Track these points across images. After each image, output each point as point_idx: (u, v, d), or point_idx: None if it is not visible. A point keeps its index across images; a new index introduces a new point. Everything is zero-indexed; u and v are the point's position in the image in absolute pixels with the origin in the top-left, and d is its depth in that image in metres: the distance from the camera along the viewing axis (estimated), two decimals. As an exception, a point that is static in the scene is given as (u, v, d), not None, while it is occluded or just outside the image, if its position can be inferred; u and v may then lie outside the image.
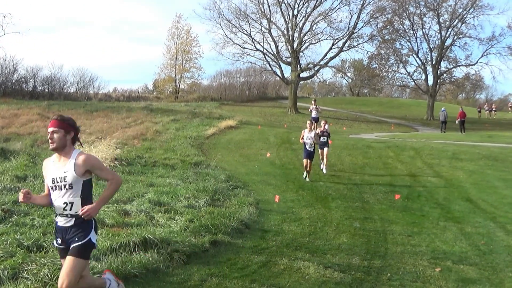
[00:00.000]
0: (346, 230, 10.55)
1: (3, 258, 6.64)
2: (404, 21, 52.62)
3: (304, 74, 54.06)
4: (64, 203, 4.80)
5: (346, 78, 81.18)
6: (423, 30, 52.23)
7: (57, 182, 4.81)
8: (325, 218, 11.62)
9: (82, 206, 4.77)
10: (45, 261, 6.51)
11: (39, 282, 6.03)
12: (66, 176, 4.78)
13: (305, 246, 9.04)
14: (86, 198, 4.88)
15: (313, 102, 15.13)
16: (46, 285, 5.98)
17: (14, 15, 79.09)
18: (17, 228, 8.70)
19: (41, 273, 6.18)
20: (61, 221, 4.88)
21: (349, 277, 7.31)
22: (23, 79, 49.62)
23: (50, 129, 4.80)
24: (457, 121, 37.89)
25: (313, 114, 29.82)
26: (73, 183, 4.79)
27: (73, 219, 4.82)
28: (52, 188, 4.88)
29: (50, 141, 4.79)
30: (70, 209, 4.80)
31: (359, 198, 14.42)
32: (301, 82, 59.02)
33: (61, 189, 4.80)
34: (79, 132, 5.01)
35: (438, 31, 51.61)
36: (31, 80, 50.34)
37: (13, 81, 48.78)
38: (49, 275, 6.12)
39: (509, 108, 58.98)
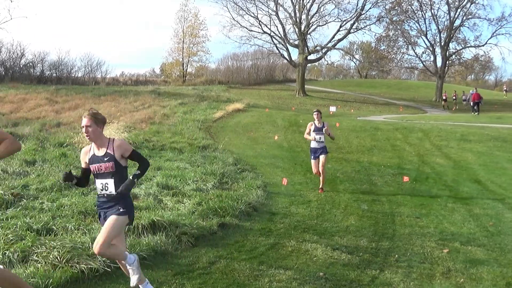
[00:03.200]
0: (354, 212, 10.55)
1: (13, 241, 6.70)
2: (412, 1, 52.21)
3: (311, 57, 53.90)
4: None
5: (354, 60, 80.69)
6: (432, 10, 51.85)
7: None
8: (333, 200, 11.63)
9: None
10: (55, 244, 6.55)
11: (48, 265, 6.09)
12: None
13: (313, 228, 9.06)
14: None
15: (315, 115, 12.42)
16: (56, 267, 6.04)
17: (21, -1, 78.87)
18: (27, 211, 8.77)
19: (51, 256, 6.23)
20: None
21: (356, 259, 7.33)
22: (30, 63, 49.71)
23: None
24: (471, 102, 37.88)
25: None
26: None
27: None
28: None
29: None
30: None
31: (367, 180, 14.41)
32: (308, 64, 58.85)
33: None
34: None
35: (447, 12, 51.22)
36: (38, 64, 50.46)
37: (21, 66, 48.89)
38: (58, 258, 6.18)
39: (504, 92, 58.02)
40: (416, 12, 52.50)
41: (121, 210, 5.34)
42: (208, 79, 61.67)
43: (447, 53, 52.17)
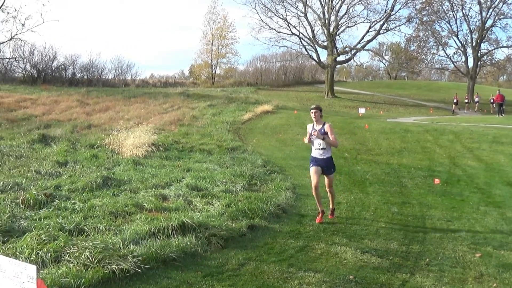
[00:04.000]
0: (384, 215, 10.45)
1: (46, 241, 6.80)
2: (443, 2, 51.60)
3: (340, 58, 53.63)
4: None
5: (384, 61, 79.95)
6: (463, 11, 51.18)
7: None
8: (362, 203, 11.54)
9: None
10: (86, 244, 6.64)
11: (80, 265, 6.17)
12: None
13: (342, 231, 9.00)
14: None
15: (312, 113, 10.90)
16: (88, 268, 6.11)
17: (53, 2, 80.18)
18: (59, 212, 8.91)
19: (83, 256, 6.31)
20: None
21: (387, 262, 7.26)
22: (62, 66, 50.53)
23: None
24: (494, 103, 37.26)
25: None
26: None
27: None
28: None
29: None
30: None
31: (397, 182, 14.25)
32: (337, 66, 58.59)
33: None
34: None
35: (479, 12, 50.46)
36: (70, 67, 51.29)
37: (53, 68, 49.69)
38: (90, 258, 6.25)
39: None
40: (447, 12, 51.93)
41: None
42: (236, 80, 61.87)
43: (479, 54, 51.41)
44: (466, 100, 45.86)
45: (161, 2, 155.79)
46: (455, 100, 44.10)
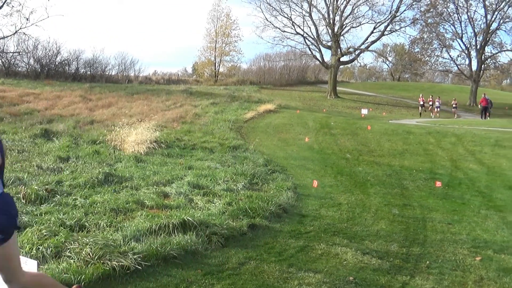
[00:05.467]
0: (385, 216, 10.45)
1: (47, 237, 6.81)
2: (448, 4, 51.57)
3: (344, 58, 53.62)
4: None
5: (387, 62, 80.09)
6: (468, 13, 51.10)
7: None
8: (363, 204, 11.54)
9: None
10: (87, 240, 6.65)
11: (81, 261, 6.18)
12: None
13: (343, 231, 9.00)
14: None
15: None
16: (88, 264, 6.12)
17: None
18: (60, 207, 8.91)
19: (83, 252, 6.32)
20: None
21: (387, 264, 7.26)
22: (66, 61, 50.49)
23: None
24: (479, 105, 37.47)
25: None
26: None
27: None
28: None
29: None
30: None
31: (398, 184, 14.25)
32: (341, 66, 58.53)
33: None
34: None
35: (484, 15, 50.40)
36: (73, 62, 51.22)
37: (56, 63, 49.68)
38: (90, 254, 6.26)
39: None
40: (452, 14, 51.87)
41: None
42: (239, 79, 61.84)
43: (483, 57, 51.36)
44: (429, 103, 43.67)
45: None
46: (421, 102, 42.61)
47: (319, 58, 52.88)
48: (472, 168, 16.68)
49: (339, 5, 50.51)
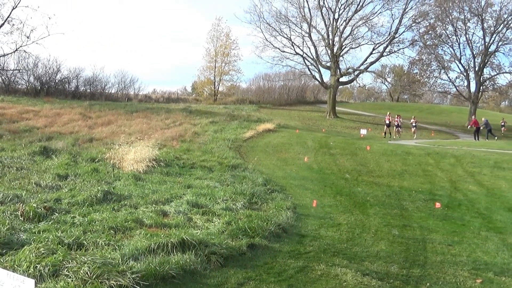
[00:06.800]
0: (385, 237, 10.41)
1: (45, 255, 6.76)
2: (447, 26, 51.84)
3: (343, 79, 53.75)
4: None
5: (386, 83, 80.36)
6: (467, 35, 51.36)
7: None
8: (363, 224, 11.49)
9: None
10: (85, 259, 6.60)
11: (79, 280, 6.13)
12: None
13: (342, 252, 8.95)
14: None
15: None
16: (86, 283, 6.07)
17: (59, 15, 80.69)
18: (59, 225, 8.88)
19: (81, 271, 6.27)
20: None
21: (387, 285, 7.22)
22: (66, 79, 50.69)
23: None
24: (469, 126, 37.78)
25: None
26: None
27: None
28: None
29: None
30: None
31: (397, 205, 14.21)
32: (340, 86, 58.71)
33: None
34: None
35: (482, 37, 50.66)
36: (73, 80, 51.45)
37: (56, 81, 49.86)
38: (88, 273, 6.21)
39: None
40: (450, 36, 52.14)
41: None
42: (239, 98, 61.97)
43: (481, 79, 51.57)
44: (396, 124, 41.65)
45: (166, 19, 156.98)
46: (387, 122, 39.15)
47: (318, 78, 53.05)
48: (471, 190, 16.64)
49: (338, 26, 50.79)
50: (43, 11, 49.66)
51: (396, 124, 38.92)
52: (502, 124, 46.01)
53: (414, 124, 40.44)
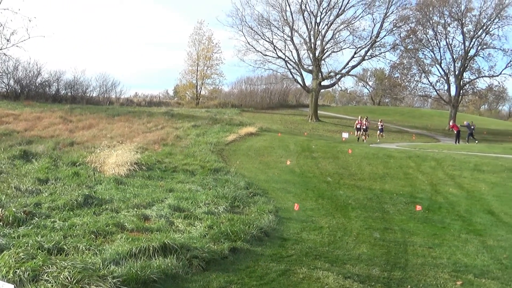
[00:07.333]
0: (366, 240, 10.46)
1: (24, 260, 6.69)
2: (427, 30, 52.34)
3: (325, 82, 53.99)
4: None
5: (368, 87, 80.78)
6: (447, 40, 51.87)
7: None
8: (344, 227, 11.54)
9: None
10: (66, 264, 6.54)
11: (59, 285, 6.07)
12: None
13: (324, 255, 8.97)
14: None
15: None
16: (66, 288, 6.01)
17: (39, 18, 79.76)
18: (38, 230, 8.79)
19: (61, 276, 6.21)
20: None
21: (369, 288, 7.24)
22: (46, 82, 50.14)
23: None
24: (450, 129, 38.53)
25: None
26: None
27: None
28: None
29: None
30: None
31: (379, 208, 14.30)
32: (322, 90, 58.91)
33: None
34: None
35: (462, 41, 51.22)
36: (54, 83, 50.87)
37: (37, 84, 49.31)
38: (69, 278, 6.16)
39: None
40: (430, 41, 52.59)
41: None
42: (221, 102, 61.88)
43: (461, 82, 52.10)
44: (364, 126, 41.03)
45: (148, 22, 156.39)
46: (358, 126, 38.30)
47: (300, 82, 53.19)
48: (452, 192, 16.79)
49: (320, 30, 50.99)
50: (24, 14, 48.98)
51: (363, 127, 37.76)
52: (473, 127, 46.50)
53: (380, 127, 39.18)
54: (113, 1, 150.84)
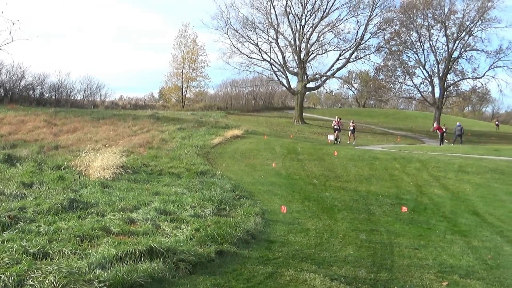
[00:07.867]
0: (352, 242, 10.49)
1: (9, 265, 6.64)
2: (411, 32, 52.70)
3: (310, 85, 54.06)
4: None
5: (353, 89, 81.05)
6: (431, 42, 52.31)
7: None
8: (331, 229, 11.57)
9: None
10: (51, 268, 6.49)
11: (44, 290, 6.02)
12: None
13: (311, 257, 8.99)
14: None
15: None
16: (52, 293, 5.96)
17: (23, 21, 79.28)
18: (23, 235, 8.71)
19: (47, 281, 6.16)
20: None
21: (355, 290, 7.26)
22: (30, 85, 49.71)
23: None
24: (434, 130, 38.96)
25: None
26: None
27: None
28: None
29: None
30: None
31: (365, 210, 14.36)
32: (307, 92, 59.06)
33: None
34: None
35: (446, 44, 51.69)
36: (38, 87, 50.43)
37: (21, 87, 48.86)
38: (54, 283, 6.11)
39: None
40: (414, 43, 52.99)
41: None
42: (207, 104, 61.76)
43: (445, 84, 52.53)
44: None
45: (133, 25, 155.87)
46: (336, 126, 37.14)
47: (286, 84, 53.25)
48: (437, 194, 16.91)
49: (305, 33, 51.11)
50: (7, 16, 48.69)
51: (336, 127, 37.08)
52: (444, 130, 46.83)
53: (352, 128, 38.29)
54: (98, 4, 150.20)
